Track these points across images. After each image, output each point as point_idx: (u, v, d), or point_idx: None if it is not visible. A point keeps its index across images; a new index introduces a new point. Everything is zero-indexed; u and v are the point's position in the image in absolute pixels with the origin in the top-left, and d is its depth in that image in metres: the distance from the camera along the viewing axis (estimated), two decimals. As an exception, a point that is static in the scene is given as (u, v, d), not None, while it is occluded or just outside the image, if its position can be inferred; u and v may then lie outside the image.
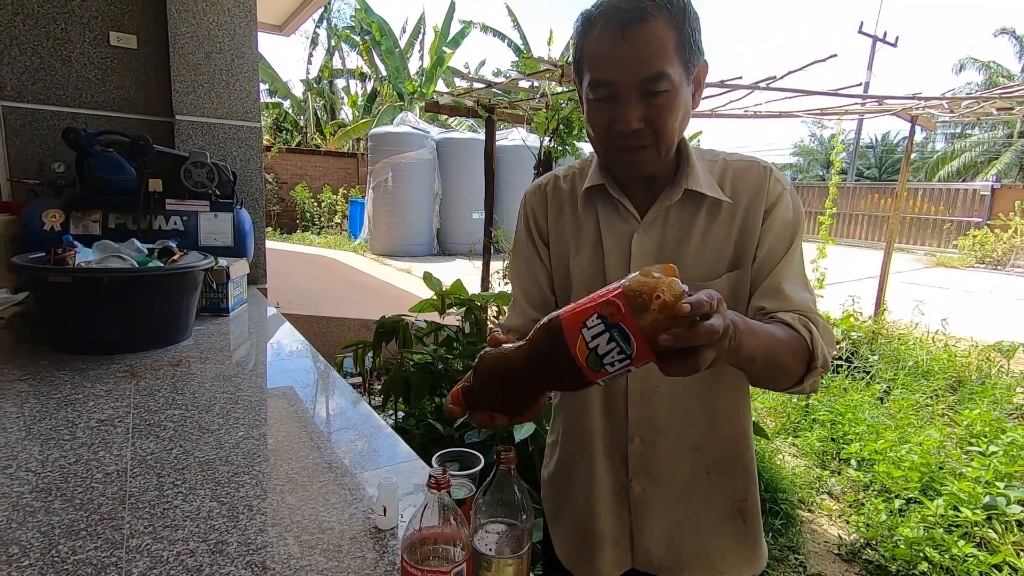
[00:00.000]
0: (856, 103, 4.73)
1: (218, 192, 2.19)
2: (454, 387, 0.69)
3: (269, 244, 2.77)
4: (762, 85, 3.76)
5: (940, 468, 2.76)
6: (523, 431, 1.54)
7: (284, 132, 15.84)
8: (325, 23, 16.12)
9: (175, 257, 1.67)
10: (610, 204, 0.88)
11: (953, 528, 2.36)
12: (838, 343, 4.41)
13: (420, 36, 14.97)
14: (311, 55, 16.31)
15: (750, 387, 0.94)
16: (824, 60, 3.41)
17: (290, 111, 16.02)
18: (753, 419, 0.94)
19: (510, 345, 0.63)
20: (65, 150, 1.96)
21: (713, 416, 0.89)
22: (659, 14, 0.73)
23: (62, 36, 2.19)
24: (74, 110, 2.24)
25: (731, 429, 0.90)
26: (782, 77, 3.64)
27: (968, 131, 18.92)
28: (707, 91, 4.23)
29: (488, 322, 2.63)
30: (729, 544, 0.91)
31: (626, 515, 0.92)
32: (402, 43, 14.38)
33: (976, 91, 14.64)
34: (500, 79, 4.59)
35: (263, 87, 14.30)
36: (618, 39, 0.74)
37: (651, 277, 0.51)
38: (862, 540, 2.45)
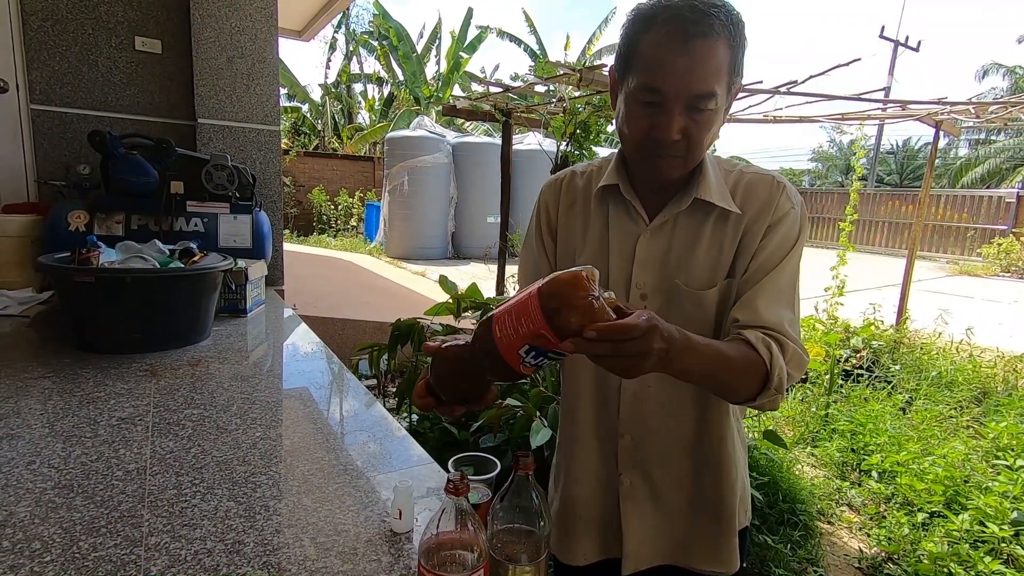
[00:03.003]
0: (878, 108, 4.66)
1: (238, 195, 2.22)
2: (417, 383, 0.77)
3: (286, 246, 2.79)
4: (783, 89, 3.72)
5: (965, 482, 2.68)
6: (539, 437, 1.53)
7: (302, 136, 16.03)
8: (344, 28, 16.32)
9: (195, 258, 1.69)
10: (621, 204, 0.90)
11: (979, 544, 2.30)
12: (858, 352, 4.32)
13: (437, 41, 15.07)
14: (329, 60, 16.51)
15: None
16: (847, 64, 3.36)
17: (308, 115, 16.22)
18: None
19: (458, 343, 0.71)
20: (90, 152, 2.00)
21: (701, 419, 0.90)
22: (722, 32, 0.73)
23: (89, 41, 2.24)
24: (100, 113, 2.28)
25: (717, 433, 0.91)
26: (803, 81, 3.60)
27: (993, 137, 18.53)
28: (725, 96, 4.21)
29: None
30: (704, 545, 0.93)
31: (614, 507, 0.94)
32: (419, 48, 14.49)
33: (1001, 96, 14.34)
34: (517, 83, 4.60)
35: (282, 91, 14.48)
36: (679, 50, 0.72)
37: (568, 289, 0.57)
38: (884, 554, 2.39)
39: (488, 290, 3.82)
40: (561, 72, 3.69)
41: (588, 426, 0.95)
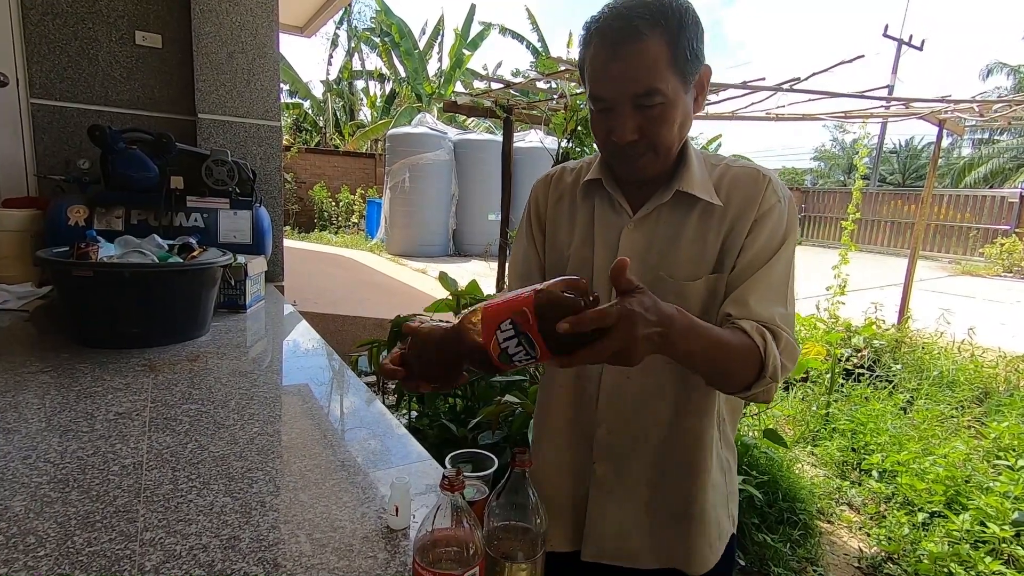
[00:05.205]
0: (882, 106, 4.64)
1: (238, 190, 2.21)
2: (393, 351, 0.77)
3: (287, 243, 2.79)
4: (785, 87, 3.70)
5: (966, 482, 2.68)
6: (537, 433, 1.52)
7: (304, 132, 16.02)
8: (345, 25, 16.29)
9: (195, 253, 1.68)
10: (605, 198, 0.92)
11: (980, 544, 2.29)
12: (860, 351, 4.31)
13: (439, 38, 15.04)
14: (331, 56, 16.48)
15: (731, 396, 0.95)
16: (850, 61, 3.35)
17: (310, 112, 16.20)
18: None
19: (442, 324, 0.72)
20: (90, 147, 1.99)
21: (677, 414, 0.90)
22: (652, 31, 0.74)
23: (89, 35, 2.23)
24: (100, 108, 2.28)
25: (693, 430, 0.90)
26: (806, 79, 3.58)
27: (996, 137, 18.46)
28: (728, 92, 4.18)
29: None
30: (672, 541, 0.92)
31: (584, 495, 0.94)
32: (421, 45, 14.47)
33: (1006, 95, 14.28)
34: (519, 80, 4.59)
35: (284, 88, 14.48)
36: (610, 57, 0.76)
37: (559, 293, 0.59)
38: (884, 554, 2.39)
39: (488, 287, 3.81)
40: (563, 68, 3.68)
41: (565, 414, 0.96)
